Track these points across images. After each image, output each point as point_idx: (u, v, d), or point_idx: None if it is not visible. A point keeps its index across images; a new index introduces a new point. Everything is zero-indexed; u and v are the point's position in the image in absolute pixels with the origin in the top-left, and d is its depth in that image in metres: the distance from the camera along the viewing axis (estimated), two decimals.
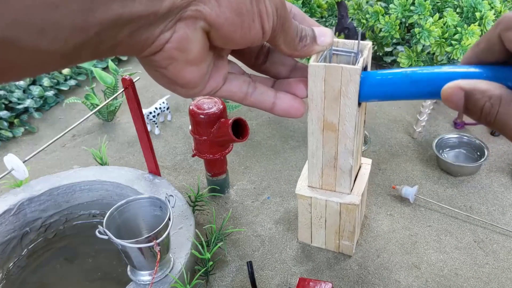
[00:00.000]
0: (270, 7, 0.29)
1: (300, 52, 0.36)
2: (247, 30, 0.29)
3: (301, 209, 1.11)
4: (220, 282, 1.12)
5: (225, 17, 0.27)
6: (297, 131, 1.65)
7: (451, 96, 0.32)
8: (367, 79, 0.45)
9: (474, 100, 0.31)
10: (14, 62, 0.21)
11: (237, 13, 0.27)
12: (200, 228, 1.22)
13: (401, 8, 1.69)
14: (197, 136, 1.21)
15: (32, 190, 1.23)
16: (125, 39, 0.25)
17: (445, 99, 0.32)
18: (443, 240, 1.21)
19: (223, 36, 0.28)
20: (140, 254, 0.95)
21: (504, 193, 1.35)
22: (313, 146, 0.94)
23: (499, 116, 0.30)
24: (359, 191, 1.04)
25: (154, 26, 0.25)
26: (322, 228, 1.13)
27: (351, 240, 1.12)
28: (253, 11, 0.28)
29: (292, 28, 0.34)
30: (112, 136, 1.69)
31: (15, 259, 1.21)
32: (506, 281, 1.10)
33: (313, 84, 0.80)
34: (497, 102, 0.30)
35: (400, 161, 1.48)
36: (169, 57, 0.28)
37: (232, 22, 0.28)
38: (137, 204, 1.02)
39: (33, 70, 0.22)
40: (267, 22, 0.30)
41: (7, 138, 1.70)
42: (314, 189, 1.05)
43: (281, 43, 0.33)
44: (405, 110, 1.73)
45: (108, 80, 1.65)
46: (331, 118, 0.86)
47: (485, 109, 0.30)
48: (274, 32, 0.31)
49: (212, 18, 0.27)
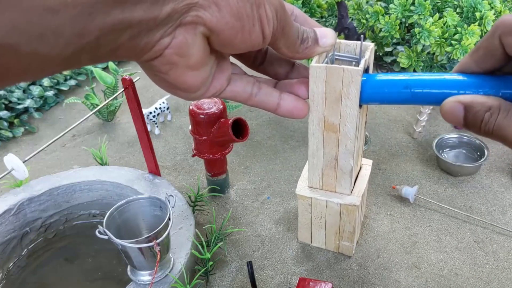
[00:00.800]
0: (270, 12, 0.29)
1: (302, 54, 0.36)
2: (247, 35, 0.29)
3: (301, 209, 1.11)
4: (220, 282, 1.12)
5: (225, 21, 0.27)
6: (297, 131, 1.65)
7: (451, 109, 0.32)
8: (368, 83, 0.45)
9: (474, 112, 0.31)
10: (14, 66, 0.21)
11: (237, 18, 0.27)
12: (200, 228, 1.22)
13: (401, 8, 1.69)
14: (197, 136, 1.21)
15: (32, 190, 1.23)
16: (125, 44, 0.25)
17: (444, 113, 0.33)
18: (443, 240, 1.21)
19: (223, 41, 0.28)
20: (140, 254, 0.95)
21: (504, 193, 1.35)
22: (314, 147, 0.94)
23: (498, 125, 0.30)
24: (359, 192, 1.04)
25: (154, 32, 0.25)
26: (322, 228, 1.13)
27: (351, 240, 1.12)
28: (253, 15, 0.28)
29: (293, 31, 0.33)
30: (112, 136, 1.69)
31: (15, 259, 1.21)
32: (506, 281, 1.10)
33: (315, 85, 0.80)
34: (496, 111, 0.31)
35: (400, 161, 1.48)
36: (169, 62, 0.28)
37: (232, 27, 0.28)
38: (137, 204, 1.02)
39: (32, 74, 0.22)
40: (267, 26, 0.30)
41: (7, 138, 1.70)
42: (314, 190, 1.05)
43: (282, 46, 0.33)
44: (405, 110, 1.73)
45: (108, 80, 1.65)
46: (332, 119, 0.86)
47: (485, 119, 0.31)
48: (275, 36, 0.31)
49: (212, 23, 0.27)
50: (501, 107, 0.31)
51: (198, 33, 0.27)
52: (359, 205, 1.03)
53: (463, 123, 0.33)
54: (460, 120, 0.32)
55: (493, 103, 0.31)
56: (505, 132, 0.30)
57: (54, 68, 0.23)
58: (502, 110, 0.30)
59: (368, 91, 0.45)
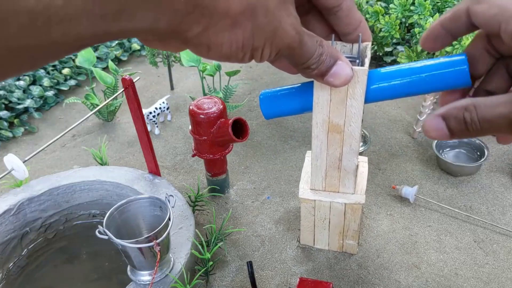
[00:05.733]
0: (268, 53, 0.30)
1: (301, 72, 0.36)
2: (235, 60, 0.30)
3: (304, 213, 1.11)
4: (220, 282, 1.12)
5: (213, 58, 0.29)
6: (297, 131, 1.65)
7: (432, 125, 0.33)
8: (374, 77, 0.45)
9: (454, 118, 0.32)
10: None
11: (225, 58, 0.29)
12: (200, 228, 1.22)
13: (401, 8, 1.69)
14: (197, 136, 1.21)
15: (32, 190, 1.23)
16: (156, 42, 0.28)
17: (427, 131, 0.34)
18: (443, 240, 1.21)
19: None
20: (140, 254, 0.95)
21: (504, 193, 1.35)
22: (317, 149, 0.94)
23: (482, 118, 0.31)
24: (361, 189, 1.04)
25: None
26: (325, 229, 1.13)
27: (355, 239, 1.13)
28: (243, 56, 0.29)
29: (302, 59, 0.33)
30: (112, 136, 1.69)
31: (15, 259, 1.21)
32: (506, 281, 1.10)
33: (319, 87, 0.80)
34: (473, 109, 0.31)
35: (400, 161, 1.48)
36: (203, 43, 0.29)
37: (218, 59, 0.29)
38: (137, 204, 1.02)
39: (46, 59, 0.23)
40: (257, 59, 0.30)
41: (7, 138, 1.70)
42: (317, 192, 1.05)
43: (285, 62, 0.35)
44: (405, 110, 1.73)
45: (108, 80, 1.65)
46: (337, 120, 0.86)
47: (467, 120, 0.31)
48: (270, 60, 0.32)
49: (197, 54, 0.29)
50: (475, 104, 0.31)
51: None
52: (364, 202, 1.03)
53: (449, 133, 0.33)
54: (445, 131, 0.33)
55: (466, 102, 0.32)
56: (492, 120, 0.31)
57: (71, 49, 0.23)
58: (477, 105, 0.31)
59: (375, 86, 0.45)
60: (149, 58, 1.80)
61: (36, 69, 0.23)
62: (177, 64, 1.81)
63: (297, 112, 0.49)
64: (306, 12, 0.38)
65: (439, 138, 0.34)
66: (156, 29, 0.24)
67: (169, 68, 1.86)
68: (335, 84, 0.37)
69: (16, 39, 0.20)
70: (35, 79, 1.90)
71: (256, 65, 2.09)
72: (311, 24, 0.39)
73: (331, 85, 0.37)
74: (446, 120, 0.32)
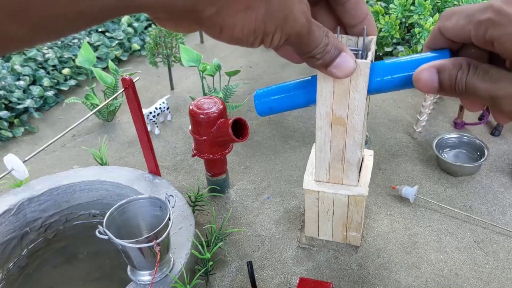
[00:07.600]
0: (278, 40, 0.30)
1: (305, 61, 0.36)
2: (245, 44, 0.30)
3: (308, 204, 1.12)
4: (220, 282, 1.12)
5: (224, 40, 0.29)
6: (297, 131, 1.65)
7: (425, 75, 0.34)
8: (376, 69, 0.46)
9: (448, 72, 0.33)
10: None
11: (235, 42, 0.29)
12: (200, 228, 1.22)
13: (401, 8, 1.69)
14: (197, 136, 1.21)
15: (32, 190, 1.23)
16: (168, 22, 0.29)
17: (418, 80, 0.35)
18: (443, 240, 1.21)
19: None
20: (140, 254, 0.95)
21: (504, 193, 1.35)
22: (321, 141, 0.95)
23: (469, 81, 0.32)
24: (365, 182, 1.05)
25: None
26: (329, 221, 1.14)
27: (359, 231, 1.14)
28: (255, 39, 0.29)
29: (309, 48, 0.34)
30: (112, 136, 1.69)
31: (15, 259, 1.21)
32: (506, 281, 1.10)
33: (323, 79, 0.81)
34: (466, 68, 0.32)
35: (400, 161, 1.48)
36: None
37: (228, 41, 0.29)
38: (137, 204, 1.02)
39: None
40: (267, 45, 0.31)
41: (7, 138, 1.70)
42: (321, 183, 1.05)
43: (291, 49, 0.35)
44: (405, 110, 1.73)
45: (108, 80, 1.65)
46: (340, 112, 0.87)
47: (458, 78, 0.32)
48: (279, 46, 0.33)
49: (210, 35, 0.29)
50: (470, 65, 0.32)
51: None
52: (367, 195, 1.04)
53: (438, 87, 0.34)
54: (435, 84, 0.34)
55: (463, 61, 0.33)
56: (476, 86, 0.32)
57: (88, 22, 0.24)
58: (472, 67, 0.32)
59: (377, 78, 0.46)
60: (149, 58, 1.80)
61: (54, 40, 0.24)
62: (177, 64, 1.81)
63: (290, 108, 0.50)
64: (315, 3, 0.39)
65: (426, 90, 0.34)
66: (173, 6, 0.24)
67: (169, 68, 1.86)
68: (338, 76, 0.37)
69: (43, 9, 0.20)
70: (35, 79, 1.90)
71: (256, 65, 2.09)
72: (319, 15, 0.40)
73: (334, 76, 0.37)
74: (439, 74, 0.33)
